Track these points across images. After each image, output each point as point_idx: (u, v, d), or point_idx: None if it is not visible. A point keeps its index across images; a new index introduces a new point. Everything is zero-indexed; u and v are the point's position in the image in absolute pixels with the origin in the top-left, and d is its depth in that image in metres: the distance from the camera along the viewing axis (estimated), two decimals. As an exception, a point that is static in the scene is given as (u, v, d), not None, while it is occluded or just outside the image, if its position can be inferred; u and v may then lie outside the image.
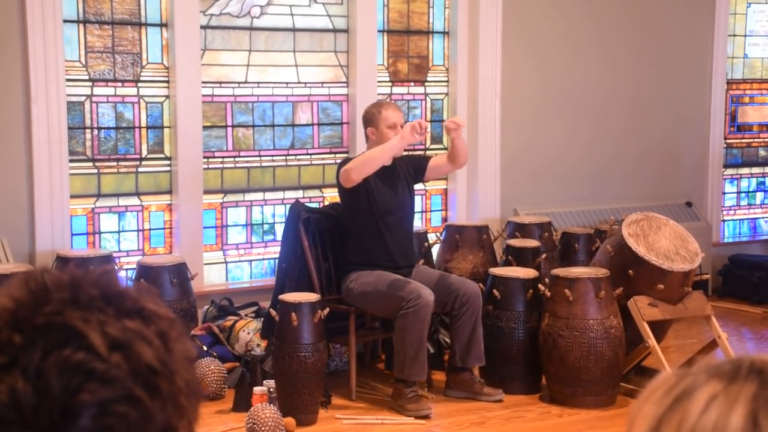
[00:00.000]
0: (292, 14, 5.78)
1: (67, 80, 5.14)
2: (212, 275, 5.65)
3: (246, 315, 5.29)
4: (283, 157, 5.81)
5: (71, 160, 5.20)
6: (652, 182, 6.81)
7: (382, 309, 4.83)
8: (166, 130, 5.47)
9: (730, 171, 7.34)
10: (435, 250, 5.65)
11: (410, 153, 5.35)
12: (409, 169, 4.96)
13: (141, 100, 5.41)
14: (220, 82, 5.60)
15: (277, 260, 5.25)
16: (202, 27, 5.48)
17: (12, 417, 0.75)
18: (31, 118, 5.01)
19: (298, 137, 5.85)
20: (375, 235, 4.80)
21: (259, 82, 5.70)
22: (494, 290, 4.91)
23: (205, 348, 4.97)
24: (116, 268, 5.11)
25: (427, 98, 6.21)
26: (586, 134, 6.55)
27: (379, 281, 4.73)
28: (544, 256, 5.46)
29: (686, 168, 6.96)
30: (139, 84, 5.39)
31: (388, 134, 4.82)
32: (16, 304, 0.79)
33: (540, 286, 4.88)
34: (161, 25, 5.39)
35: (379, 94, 5.94)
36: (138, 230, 5.47)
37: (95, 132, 5.33)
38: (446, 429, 4.52)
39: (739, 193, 7.41)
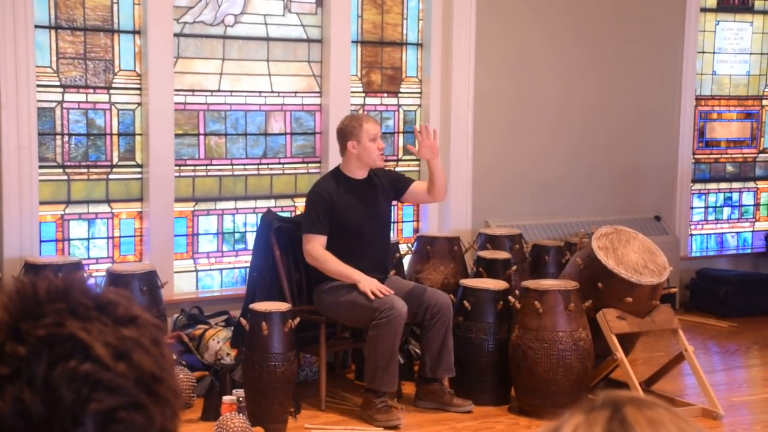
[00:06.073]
0: (266, 23, 5.78)
1: (38, 86, 5.10)
2: (182, 283, 5.62)
3: (216, 324, 5.27)
4: (256, 166, 5.80)
5: (41, 167, 5.16)
6: (622, 196, 6.87)
7: (354, 319, 4.82)
8: (137, 138, 5.44)
9: (698, 186, 7.41)
10: (406, 261, 5.67)
11: (391, 170, 5.25)
12: (386, 184, 4.93)
13: (113, 107, 5.38)
14: (193, 90, 5.59)
15: (248, 269, 5.24)
16: (176, 35, 5.47)
17: (20, 427, 0.77)
18: (1, 123, 4.96)
19: (271, 146, 5.84)
20: (346, 246, 4.78)
21: (232, 91, 5.69)
22: (465, 301, 4.93)
23: (174, 357, 4.94)
24: (85, 275, 5.07)
25: (400, 109, 6.23)
26: (558, 148, 6.59)
27: (352, 291, 4.72)
28: (514, 268, 5.49)
29: (655, 183, 7.03)
30: (111, 91, 5.36)
31: (370, 147, 4.78)
32: (12, 315, 0.80)
33: (510, 297, 4.90)
34: (134, 32, 5.37)
35: (352, 104, 5.95)
36: (108, 237, 5.44)
37: (66, 138, 5.29)
38: (415, 440, 4.53)
39: (706, 208, 7.49)
